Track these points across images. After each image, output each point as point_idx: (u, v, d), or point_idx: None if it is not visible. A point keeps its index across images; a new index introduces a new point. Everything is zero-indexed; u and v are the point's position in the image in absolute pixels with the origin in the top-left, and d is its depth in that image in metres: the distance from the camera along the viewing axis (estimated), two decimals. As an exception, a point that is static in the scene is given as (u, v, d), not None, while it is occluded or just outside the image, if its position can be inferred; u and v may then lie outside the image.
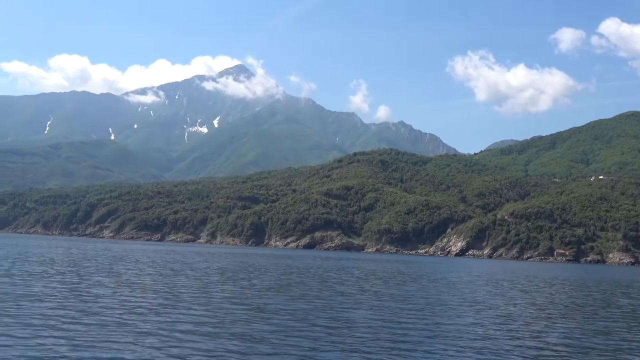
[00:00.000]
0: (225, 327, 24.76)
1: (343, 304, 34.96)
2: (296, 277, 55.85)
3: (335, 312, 31.25)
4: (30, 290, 33.30)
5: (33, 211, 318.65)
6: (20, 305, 27.62)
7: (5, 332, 21.44)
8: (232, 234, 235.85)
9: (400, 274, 71.67)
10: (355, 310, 32.40)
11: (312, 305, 33.22)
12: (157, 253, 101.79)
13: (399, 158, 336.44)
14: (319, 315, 29.65)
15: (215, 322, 25.91)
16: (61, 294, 32.61)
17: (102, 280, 41.81)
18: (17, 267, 49.69)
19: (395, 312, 32.58)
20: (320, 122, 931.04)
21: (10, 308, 26.55)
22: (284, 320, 27.37)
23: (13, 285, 34.50)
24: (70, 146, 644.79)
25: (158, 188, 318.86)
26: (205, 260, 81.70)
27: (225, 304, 32.15)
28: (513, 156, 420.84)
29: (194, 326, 24.48)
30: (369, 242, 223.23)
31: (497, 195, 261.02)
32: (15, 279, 38.65)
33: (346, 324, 27.46)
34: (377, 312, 32.17)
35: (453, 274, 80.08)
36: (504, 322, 31.18)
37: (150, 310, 28.47)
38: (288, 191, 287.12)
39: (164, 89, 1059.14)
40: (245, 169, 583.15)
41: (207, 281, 45.94)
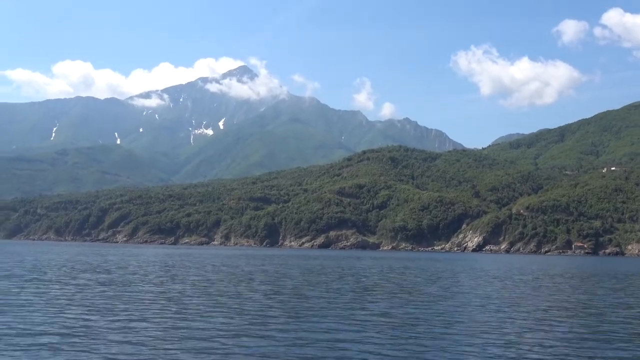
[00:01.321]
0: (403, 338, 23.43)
1: (463, 307, 33.72)
2: (374, 279, 54.66)
3: (453, 315, 30.10)
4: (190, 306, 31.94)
5: (44, 217, 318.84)
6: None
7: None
8: (246, 235, 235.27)
9: (467, 272, 70.56)
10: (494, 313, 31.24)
11: (419, 309, 31.98)
12: (200, 257, 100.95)
13: (408, 155, 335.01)
14: (438, 319, 28.61)
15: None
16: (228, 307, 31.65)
17: (226, 290, 40.45)
18: (118, 278, 48.93)
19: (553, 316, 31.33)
20: (325, 121, 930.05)
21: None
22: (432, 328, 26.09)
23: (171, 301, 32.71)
24: (77, 152, 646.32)
25: (168, 191, 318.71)
26: (261, 264, 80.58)
27: (358, 312, 30.18)
28: (522, 150, 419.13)
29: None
30: (384, 240, 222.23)
31: (510, 190, 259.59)
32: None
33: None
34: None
35: (509, 271, 78.74)
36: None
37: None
38: (299, 191, 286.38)
39: (168, 92, 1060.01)
40: (252, 170, 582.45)
41: (304, 287, 44.33)
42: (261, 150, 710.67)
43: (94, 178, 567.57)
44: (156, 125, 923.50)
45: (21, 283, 40.07)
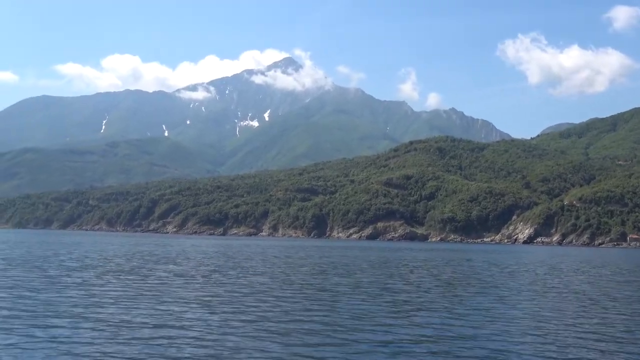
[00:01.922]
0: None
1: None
2: (448, 272, 54.18)
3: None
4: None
5: (96, 208, 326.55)
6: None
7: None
8: (294, 226, 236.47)
9: (536, 265, 69.62)
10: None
11: (530, 304, 31.32)
12: (257, 248, 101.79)
13: (455, 145, 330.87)
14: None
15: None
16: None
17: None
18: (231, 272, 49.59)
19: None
20: (370, 112, 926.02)
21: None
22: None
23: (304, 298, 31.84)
24: (127, 144, 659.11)
25: (216, 183, 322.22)
26: (321, 255, 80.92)
27: (464, 307, 29.38)
28: (572, 139, 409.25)
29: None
30: (433, 232, 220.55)
31: (562, 180, 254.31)
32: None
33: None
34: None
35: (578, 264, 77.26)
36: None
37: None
38: (346, 182, 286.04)
39: (215, 85, 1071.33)
40: (297, 161, 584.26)
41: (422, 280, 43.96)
42: (306, 142, 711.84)
43: (143, 170, 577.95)
44: (203, 117, 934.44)
45: (100, 275, 40.70)
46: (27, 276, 38.01)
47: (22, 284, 33.58)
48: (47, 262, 51.17)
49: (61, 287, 32.47)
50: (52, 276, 38.62)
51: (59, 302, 26.93)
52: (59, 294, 29.32)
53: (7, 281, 34.77)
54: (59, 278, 37.44)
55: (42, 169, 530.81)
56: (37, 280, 35.53)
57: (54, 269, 44.29)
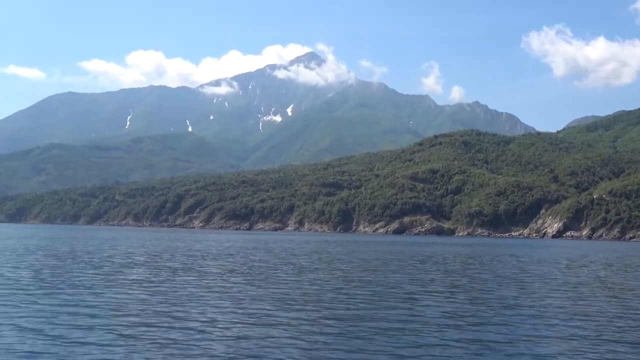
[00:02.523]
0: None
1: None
2: (501, 268, 53.39)
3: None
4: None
5: (122, 204, 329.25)
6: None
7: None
8: (320, 221, 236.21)
9: (581, 260, 68.62)
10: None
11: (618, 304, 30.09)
12: (291, 243, 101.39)
13: (480, 139, 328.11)
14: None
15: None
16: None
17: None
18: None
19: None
20: (393, 106, 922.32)
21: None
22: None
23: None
24: (151, 139, 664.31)
25: (241, 177, 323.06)
26: (358, 250, 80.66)
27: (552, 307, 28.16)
28: (599, 132, 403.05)
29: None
30: (460, 226, 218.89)
31: (590, 174, 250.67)
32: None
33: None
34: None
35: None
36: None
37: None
38: (371, 176, 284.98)
39: (238, 80, 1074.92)
40: (320, 155, 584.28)
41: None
42: (329, 136, 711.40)
43: (167, 165, 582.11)
44: (226, 112, 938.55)
45: (153, 271, 40.49)
46: (84, 273, 37.88)
47: (83, 282, 33.27)
48: (96, 259, 51.30)
49: (123, 285, 32.18)
50: (109, 273, 38.56)
51: (132, 301, 26.64)
52: (126, 294, 28.73)
53: (66, 278, 34.73)
54: (115, 275, 37.30)
55: (68, 165, 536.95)
56: (95, 278, 35.33)
57: (106, 266, 44.21)
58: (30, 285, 30.91)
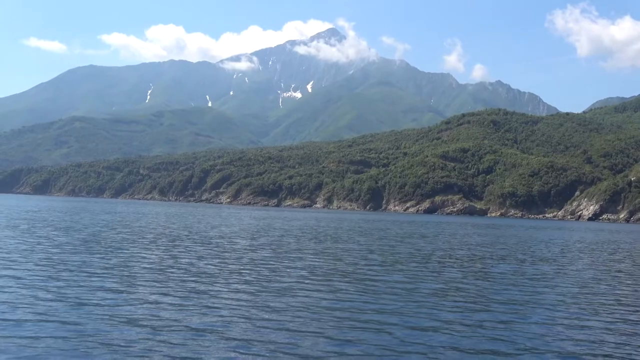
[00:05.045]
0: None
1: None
2: (586, 254, 50.99)
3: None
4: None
5: (147, 178, 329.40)
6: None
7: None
8: (350, 199, 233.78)
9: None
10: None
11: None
12: (336, 222, 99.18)
13: (508, 118, 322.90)
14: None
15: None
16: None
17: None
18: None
19: None
20: (414, 84, 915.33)
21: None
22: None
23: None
24: (172, 114, 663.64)
25: (266, 153, 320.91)
26: (410, 231, 78.05)
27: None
28: (628, 114, 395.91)
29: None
30: (492, 206, 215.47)
31: (624, 155, 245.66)
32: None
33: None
34: None
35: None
36: None
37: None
38: (399, 154, 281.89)
39: (258, 55, 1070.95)
40: (341, 132, 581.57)
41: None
42: (350, 113, 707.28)
43: (188, 140, 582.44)
44: (246, 88, 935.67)
45: (276, 251, 38.35)
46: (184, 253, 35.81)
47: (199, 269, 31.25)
48: (184, 237, 49.22)
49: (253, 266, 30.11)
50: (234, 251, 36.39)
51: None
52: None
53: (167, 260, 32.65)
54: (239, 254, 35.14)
55: (90, 137, 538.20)
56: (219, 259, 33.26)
57: (203, 245, 42.00)
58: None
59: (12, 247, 33.23)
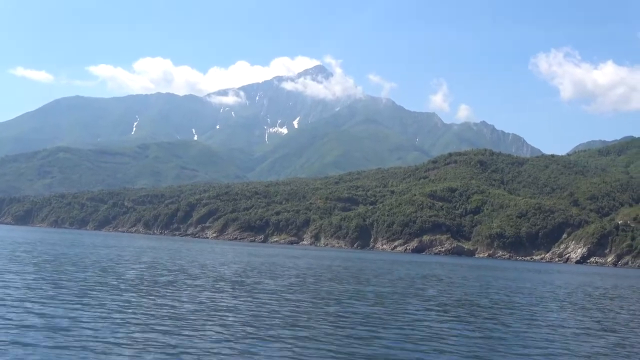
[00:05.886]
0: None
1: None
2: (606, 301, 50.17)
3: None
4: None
5: (131, 210, 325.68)
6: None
7: None
8: (337, 236, 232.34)
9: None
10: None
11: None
12: (335, 260, 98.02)
13: (494, 159, 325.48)
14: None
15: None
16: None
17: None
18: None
19: None
20: (400, 123, 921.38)
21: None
22: None
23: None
24: (158, 146, 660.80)
25: (253, 188, 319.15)
26: (421, 271, 77.00)
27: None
28: (611, 157, 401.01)
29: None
30: (480, 247, 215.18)
31: (610, 199, 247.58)
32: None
33: None
34: None
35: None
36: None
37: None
38: (386, 192, 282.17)
39: (245, 90, 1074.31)
40: (326, 169, 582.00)
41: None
42: (336, 150, 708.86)
43: (173, 173, 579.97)
44: (232, 122, 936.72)
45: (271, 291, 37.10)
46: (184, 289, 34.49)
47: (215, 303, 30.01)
48: (170, 271, 47.84)
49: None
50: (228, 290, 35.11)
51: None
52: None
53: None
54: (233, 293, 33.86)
55: (74, 168, 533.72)
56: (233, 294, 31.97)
57: (203, 281, 40.73)
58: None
59: (35, 284, 32.10)
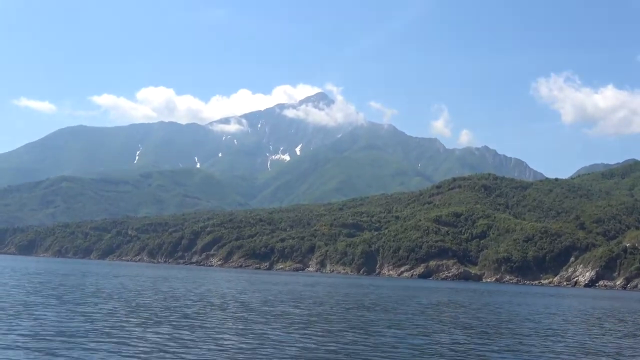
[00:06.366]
0: None
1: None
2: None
3: None
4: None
5: (135, 239, 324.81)
6: None
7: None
8: (343, 263, 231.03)
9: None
10: None
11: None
12: (350, 287, 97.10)
13: (498, 183, 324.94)
14: None
15: None
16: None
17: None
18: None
19: None
20: (401, 148, 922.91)
21: None
22: None
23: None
24: (160, 175, 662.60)
25: (257, 216, 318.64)
26: (442, 299, 76.11)
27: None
28: (615, 180, 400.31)
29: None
30: (487, 272, 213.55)
31: (616, 222, 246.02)
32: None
33: None
34: None
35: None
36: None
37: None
38: (390, 218, 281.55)
39: (247, 118, 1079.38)
40: (329, 196, 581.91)
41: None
42: (338, 177, 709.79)
43: (175, 201, 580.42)
44: (234, 150, 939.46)
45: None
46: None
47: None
48: (198, 301, 47.17)
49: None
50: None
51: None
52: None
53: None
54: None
55: (77, 198, 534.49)
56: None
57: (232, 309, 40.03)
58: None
59: (67, 317, 31.43)
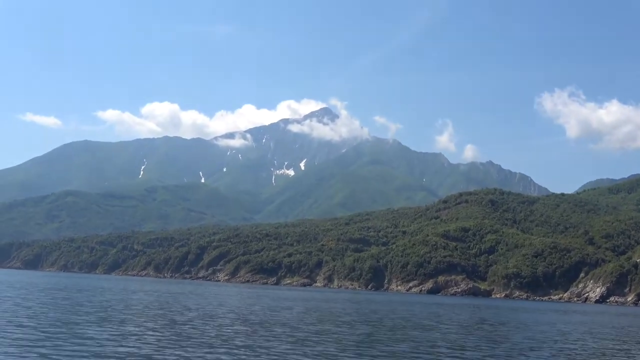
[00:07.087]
0: None
1: None
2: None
3: None
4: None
5: (141, 254, 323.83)
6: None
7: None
8: (350, 278, 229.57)
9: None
10: None
11: None
12: (368, 303, 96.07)
13: (504, 198, 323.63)
14: None
15: None
16: None
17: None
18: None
19: None
20: (406, 163, 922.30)
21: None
22: None
23: None
24: (165, 190, 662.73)
25: (263, 230, 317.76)
26: (460, 314, 75.19)
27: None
28: (622, 195, 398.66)
29: None
30: (497, 287, 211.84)
31: (626, 237, 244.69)
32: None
33: None
34: None
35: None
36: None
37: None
38: (397, 233, 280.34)
39: (252, 133, 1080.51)
40: (334, 210, 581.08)
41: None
42: (343, 191, 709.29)
43: (180, 215, 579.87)
44: (239, 165, 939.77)
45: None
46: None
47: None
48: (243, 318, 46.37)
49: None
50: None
51: None
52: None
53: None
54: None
55: (82, 212, 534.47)
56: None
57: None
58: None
59: (111, 334, 30.76)
